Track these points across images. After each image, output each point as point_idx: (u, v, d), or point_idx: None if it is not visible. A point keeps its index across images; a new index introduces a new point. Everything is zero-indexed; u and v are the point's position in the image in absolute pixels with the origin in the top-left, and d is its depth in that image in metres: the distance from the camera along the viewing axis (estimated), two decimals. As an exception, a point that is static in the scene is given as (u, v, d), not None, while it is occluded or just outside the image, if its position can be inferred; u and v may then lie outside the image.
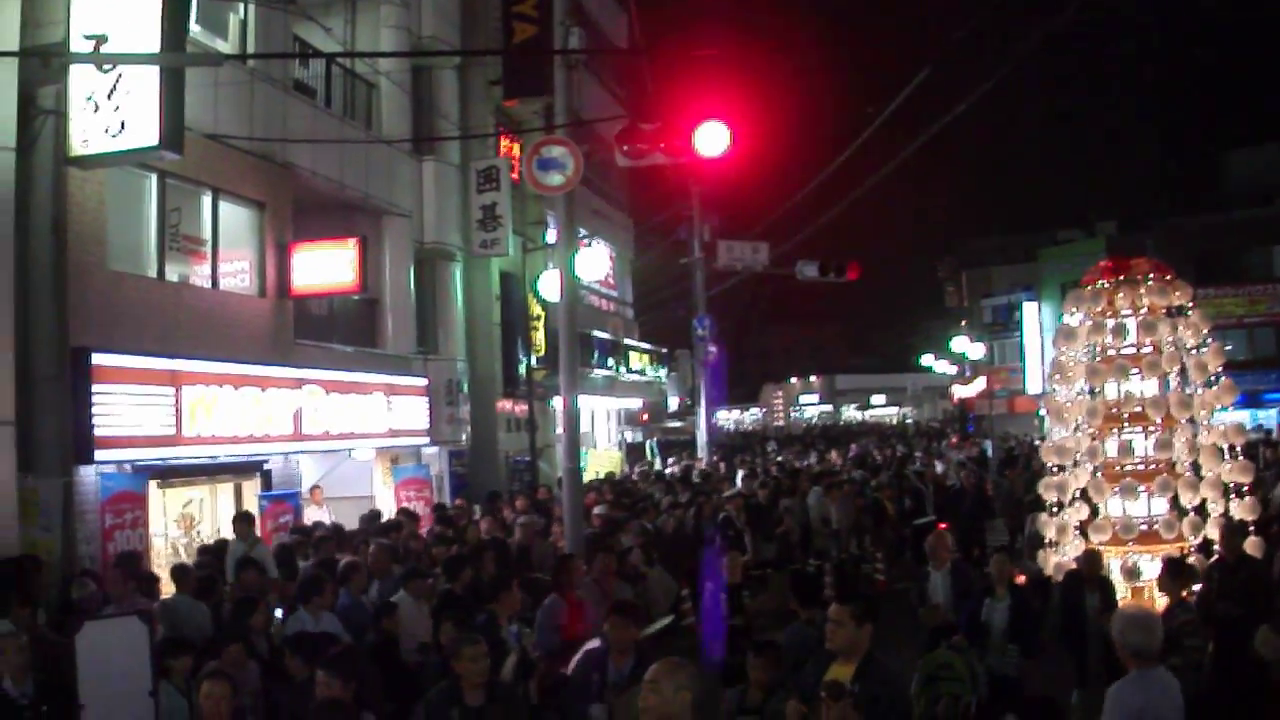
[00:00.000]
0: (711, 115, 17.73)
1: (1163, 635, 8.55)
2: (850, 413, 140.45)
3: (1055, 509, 16.38)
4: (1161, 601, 13.10)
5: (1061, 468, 16.46)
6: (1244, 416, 17.65)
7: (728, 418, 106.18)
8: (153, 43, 15.42)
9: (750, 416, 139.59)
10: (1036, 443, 42.61)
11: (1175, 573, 12.57)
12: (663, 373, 48.13)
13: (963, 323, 79.58)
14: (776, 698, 8.85)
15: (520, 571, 15.93)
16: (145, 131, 15.68)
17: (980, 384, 75.27)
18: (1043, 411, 60.73)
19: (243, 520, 17.97)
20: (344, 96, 25.42)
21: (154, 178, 18.89)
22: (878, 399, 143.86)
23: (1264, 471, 25.23)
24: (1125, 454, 16.04)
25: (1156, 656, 8.37)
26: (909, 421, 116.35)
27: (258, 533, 18.51)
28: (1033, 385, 68.98)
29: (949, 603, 13.64)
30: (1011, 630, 12.64)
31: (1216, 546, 15.18)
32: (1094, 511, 16.10)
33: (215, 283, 20.88)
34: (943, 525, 21.81)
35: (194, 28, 19.24)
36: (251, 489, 21.81)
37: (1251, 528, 15.10)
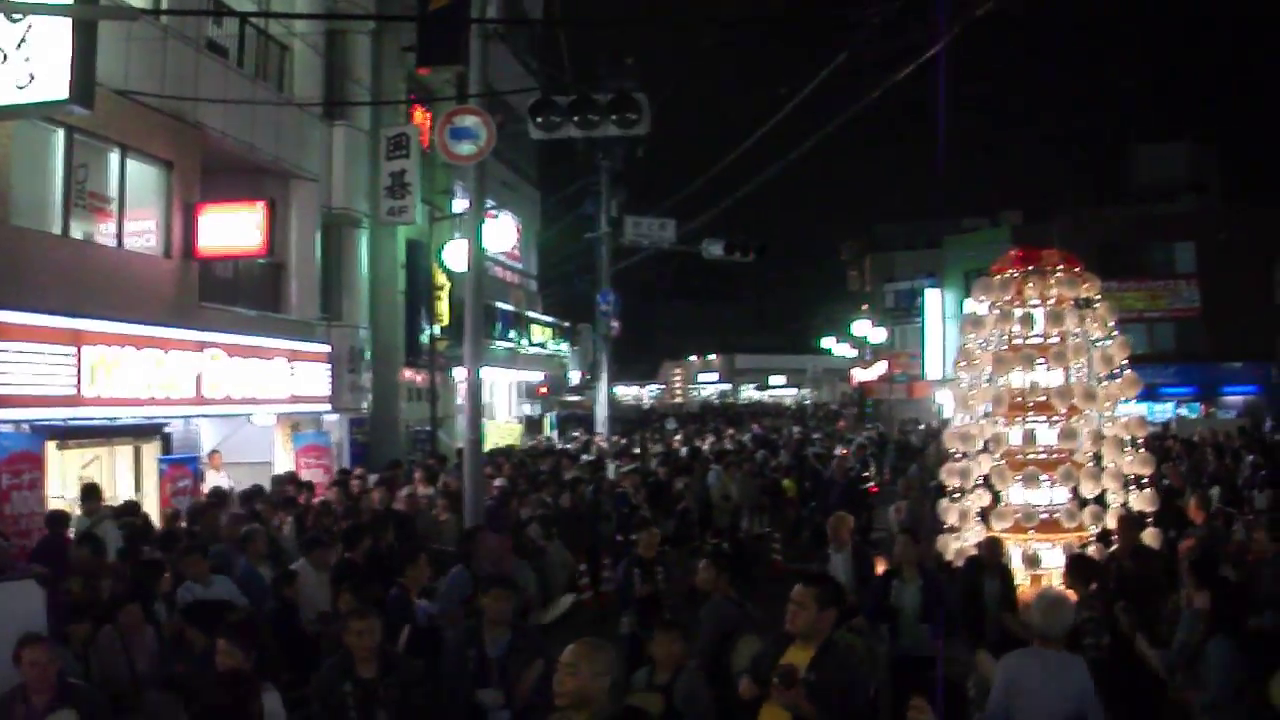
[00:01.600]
0: (626, 89, 17.71)
1: (1068, 621, 8.67)
2: (749, 392, 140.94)
3: (957, 495, 16.47)
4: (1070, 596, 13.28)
5: (964, 454, 16.54)
6: (1141, 410, 17.85)
7: (626, 394, 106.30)
8: (65, -6, 15.16)
9: (649, 393, 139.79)
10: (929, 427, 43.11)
11: (1079, 569, 12.69)
12: (564, 346, 48.12)
13: (864, 307, 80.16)
14: (684, 675, 8.80)
15: (423, 545, 15.83)
16: (55, 85, 15.33)
17: (880, 368, 75.90)
18: (938, 397, 61.24)
19: (90, 494, 17.25)
20: (257, 57, 25.08)
21: (61, 132, 18.58)
22: (777, 380, 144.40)
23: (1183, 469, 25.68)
24: (1029, 443, 16.16)
25: (1055, 639, 8.49)
26: (807, 403, 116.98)
27: (156, 502, 18.30)
28: (932, 371, 69.58)
29: (850, 585, 13.69)
30: (923, 611, 12.70)
31: (1115, 536, 15.40)
32: (995, 498, 16.22)
33: (120, 242, 20.59)
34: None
35: (107, -20, 18.92)
36: (151, 452, 21.58)
37: (1150, 519, 15.32)
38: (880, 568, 14.34)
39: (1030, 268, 16.48)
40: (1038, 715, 8.22)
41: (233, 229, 22.36)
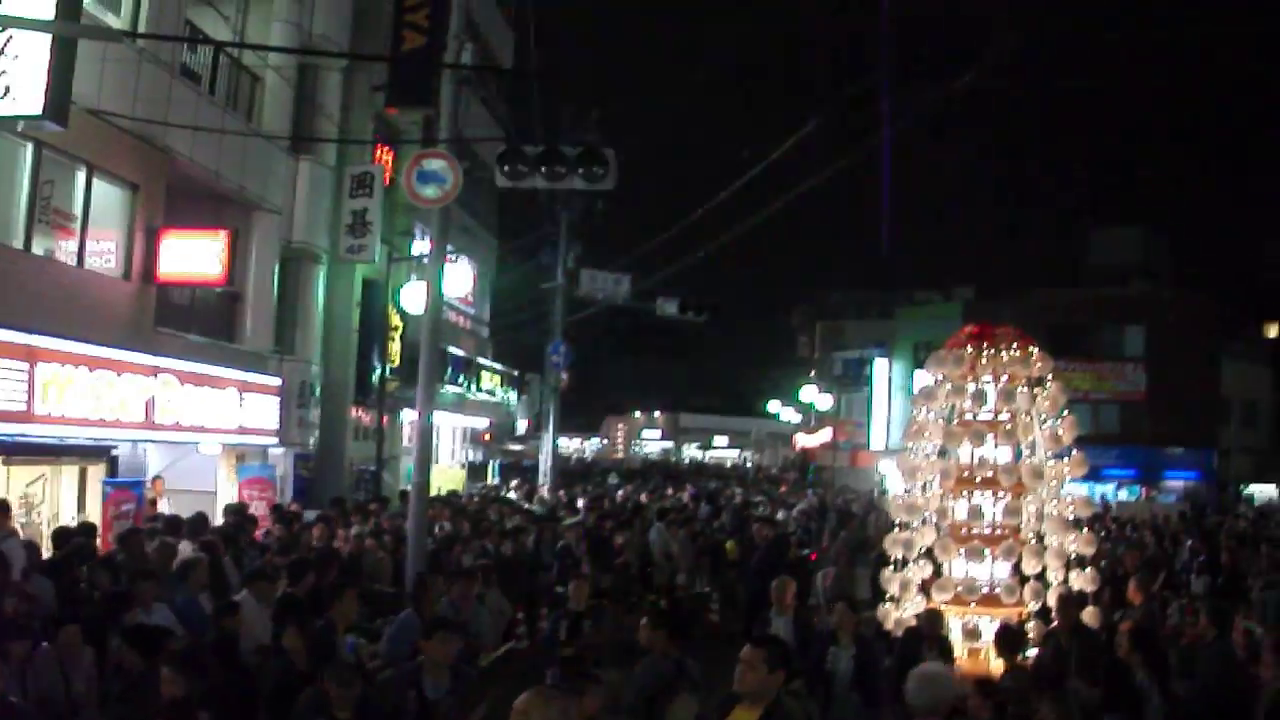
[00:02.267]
0: (594, 144, 17.81)
1: (945, 696, 8.71)
2: (692, 451, 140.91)
3: (900, 565, 16.55)
4: (999, 666, 13.36)
5: (909, 525, 16.63)
6: (1083, 490, 18.04)
7: (568, 446, 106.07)
8: (47, 9, 15.14)
9: (591, 446, 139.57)
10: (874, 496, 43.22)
11: (1007, 640, 12.80)
12: (513, 395, 48.05)
13: (812, 373, 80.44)
14: None
15: (354, 582, 15.75)
16: (30, 99, 15.37)
17: (825, 434, 76.11)
18: (882, 467, 61.54)
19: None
20: (229, 86, 25.10)
21: (30, 147, 18.51)
22: (720, 440, 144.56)
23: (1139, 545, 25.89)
24: (974, 517, 16.29)
25: (934, 714, 8.54)
26: (748, 465, 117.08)
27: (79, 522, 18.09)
28: (877, 441, 69.86)
29: (791, 649, 13.71)
30: (855, 679, 12.74)
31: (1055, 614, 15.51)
32: (937, 570, 16.30)
33: (81, 261, 20.50)
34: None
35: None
36: (97, 474, 21.38)
37: (1090, 598, 15.44)
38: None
39: (984, 344, 16.63)
40: None
41: (194, 256, 22.31)
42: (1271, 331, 77.80)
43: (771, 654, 8.26)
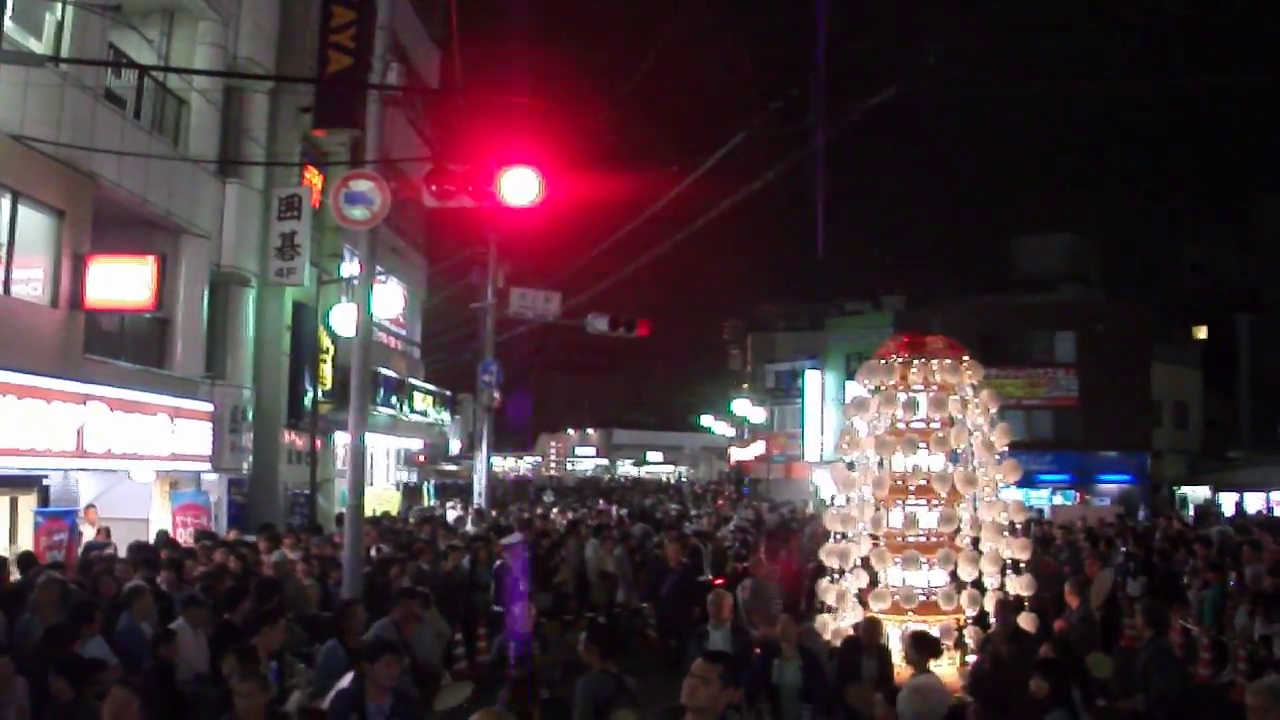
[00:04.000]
0: (521, 162, 17.78)
1: (941, 706, 8.74)
2: (626, 468, 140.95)
3: (836, 575, 16.58)
4: (906, 671, 13.43)
5: (844, 535, 16.66)
6: (1018, 496, 18.15)
7: (503, 465, 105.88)
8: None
9: (525, 465, 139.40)
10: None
11: (919, 645, 12.84)
12: (445, 415, 47.93)
13: (745, 386, 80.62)
14: None
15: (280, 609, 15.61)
16: (-48, 128, 15.25)
17: (759, 448, 76.22)
18: (816, 478, 61.59)
19: None
20: (154, 110, 24.99)
21: (-47, 174, 18.35)
22: (654, 456, 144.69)
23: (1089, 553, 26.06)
24: (909, 525, 16.38)
25: None
26: (684, 481, 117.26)
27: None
28: (811, 452, 70.04)
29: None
30: (803, 690, 12.75)
31: (993, 619, 15.59)
32: (874, 580, 16.35)
33: (7, 289, 20.32)
34: (719, 581, 21.92)
35: (8, 24, 18.79)
36: (28, 504, 21.16)
37: (1026, 603, 15.51)
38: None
39: (915, 353, 16.72)
40: None
41: (122, 282, 22.16)
42: (1201, 334, 78.69)
43: (726, 670, 8.18)
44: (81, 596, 14.42)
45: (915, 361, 16.67)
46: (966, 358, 16.77)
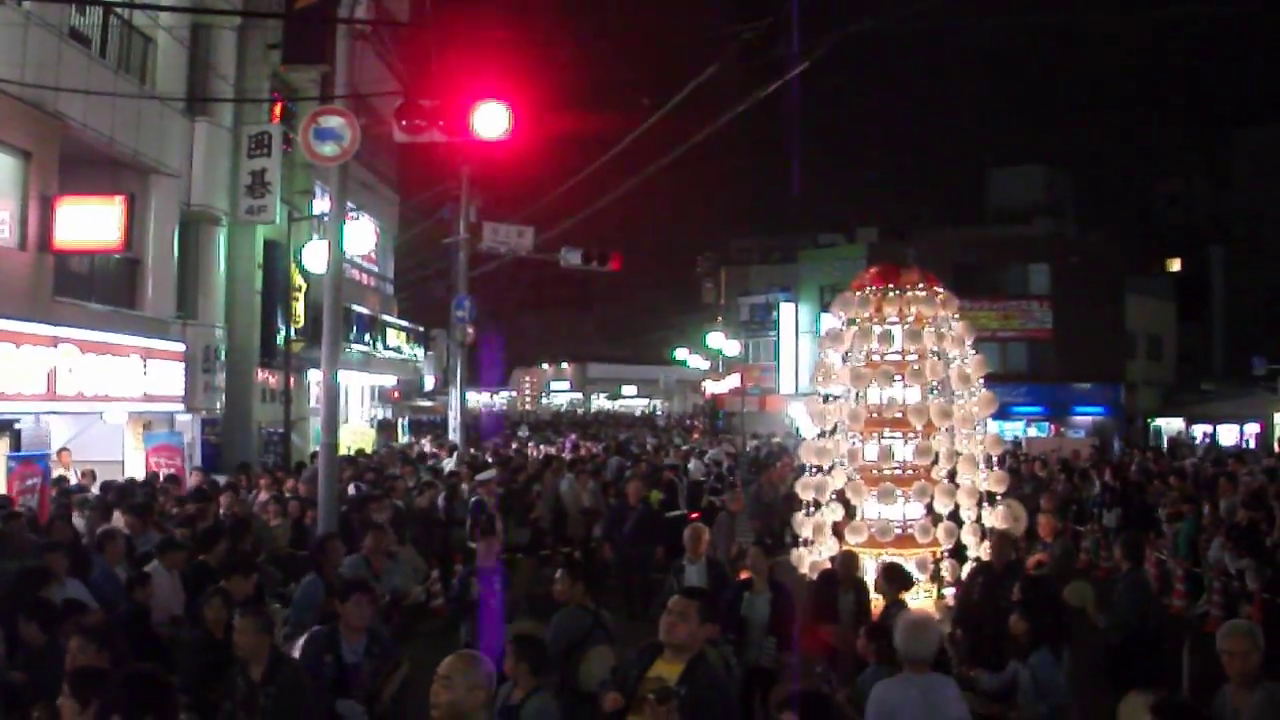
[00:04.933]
0: (491, 96, 17.65)
1: (935, 642, 8.72)
2: (600, 401, 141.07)
3: (812, 509, 16.55)
4: (878, 603, 13.44)
5: (820, 468, 16.63)
6: (993, 428, 18.12)
7: (477, 400, 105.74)
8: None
9: (500, 400, 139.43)
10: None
11: (891, 577, 12.84)
12: (419, 351, 47.85)
13: (719, 319, 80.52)
14: (536, 696, 8.64)
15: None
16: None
17: (733, 381, 76.21)
18: (791, 411, 61.66)
19: None
20: (120, 48, 24.65)
21: (-87, 117, 18.12)
22: (629, 389, 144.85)
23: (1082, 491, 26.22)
24: (885, 458, 16.34)
25: (925, 661, 8.53)
26: (657, 414, 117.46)
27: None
28: (786, 384, 70.06)
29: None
30: (771, 623, 12.75)
31: (970, 552, 15.59)
32: (850, 513, 16.34)
33: (-27, 232, 20.12)
34: (695, 516, 21.94)
35: (-33, -36, 18.54)
36: (0, 448, 21.06)
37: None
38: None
39: (889, 285, 16.63)
40: None
41: (90, 223, 21.95)
42: (1174, 266, 78.85)
43: (704, 606, 8.20)
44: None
45: (890, 293, 16.58)
46: (941, 289, 16.69)
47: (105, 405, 23.15)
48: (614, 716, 7.94)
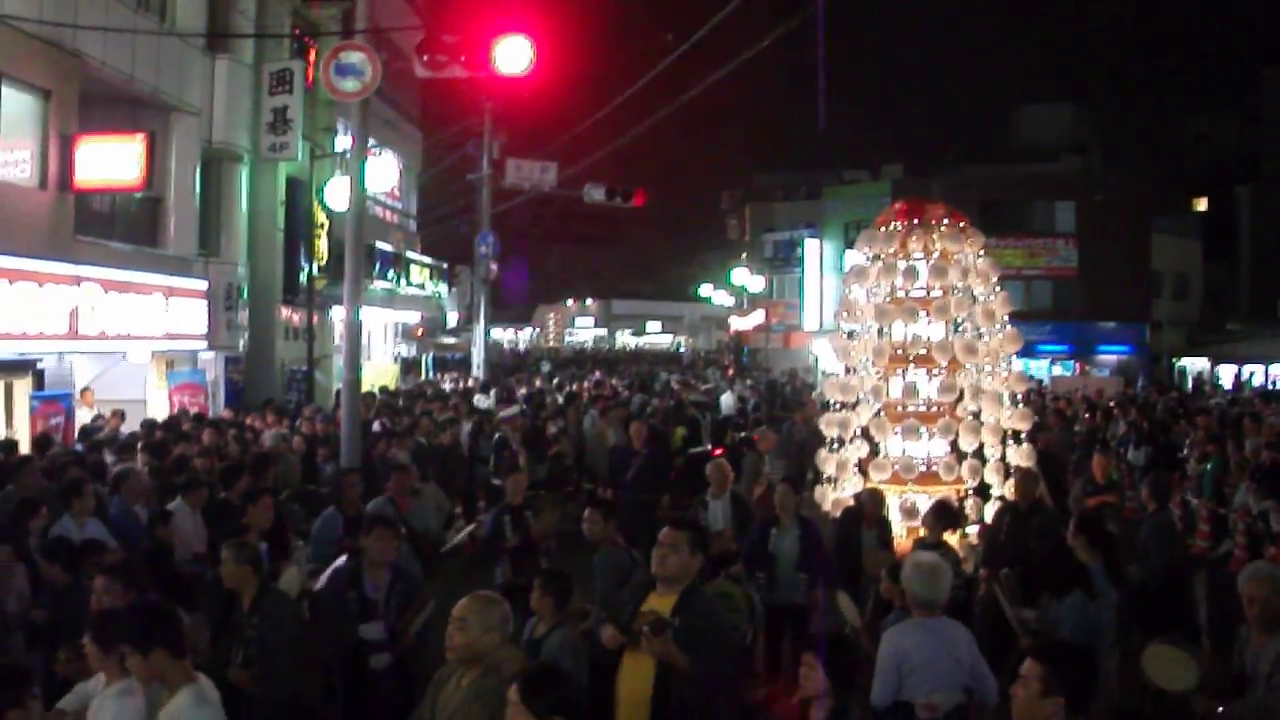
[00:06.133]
0: (514, 31, 17.54)
1: (948, 587, 8.66)
2: (625, 338, 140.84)
3: (836, 445, 16.49)
4: (905, 544, 13.42)
5: (844, 405, 16.56)
6: (1017, 366, 17.98)
7: (501, 337, 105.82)
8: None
9: (524, 337, 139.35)
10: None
11: (940, 514, 12.77)
12: (443, 288, 47.80)
13: (743, 255, 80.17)
14: (559, 630, 8.65)
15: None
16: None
17: (757, 317, 75.94)
18: (814, 347, 61.49)
19: None
20: (139, -16, 24.52)
21: (-65, 56, 18.06)
22: (653, 326, 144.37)
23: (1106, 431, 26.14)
24: (910, 395, 16.25)
25: (939, 606, 8.49)
26: (682, 351, 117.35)
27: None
28: (810, 321, 69.85)
29: (731, 531, 13.69)
30: (800, 560, 12.71)
31: (994, 491, 15.52)
32: (874, 450, 16.28)
33: (-6, 171, 20.10)
34: (718, 452, 21.83)
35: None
36: (23, 388, 21.12)
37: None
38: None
39: (915, 221, 16.49)
40: (932, 686, 8.21)
41: (111, 161, 21.92)
42: (1201, 205, 78.27)
43: (693, 536, 8.16)
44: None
45: (916, 229, 16.46)
46: (966, 225, 16.54)
47: (128, 344, 23.16)
48: (613, 654, 7.87)
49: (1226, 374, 59.09)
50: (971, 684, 8.39)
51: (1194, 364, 64.12)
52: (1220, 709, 8.00)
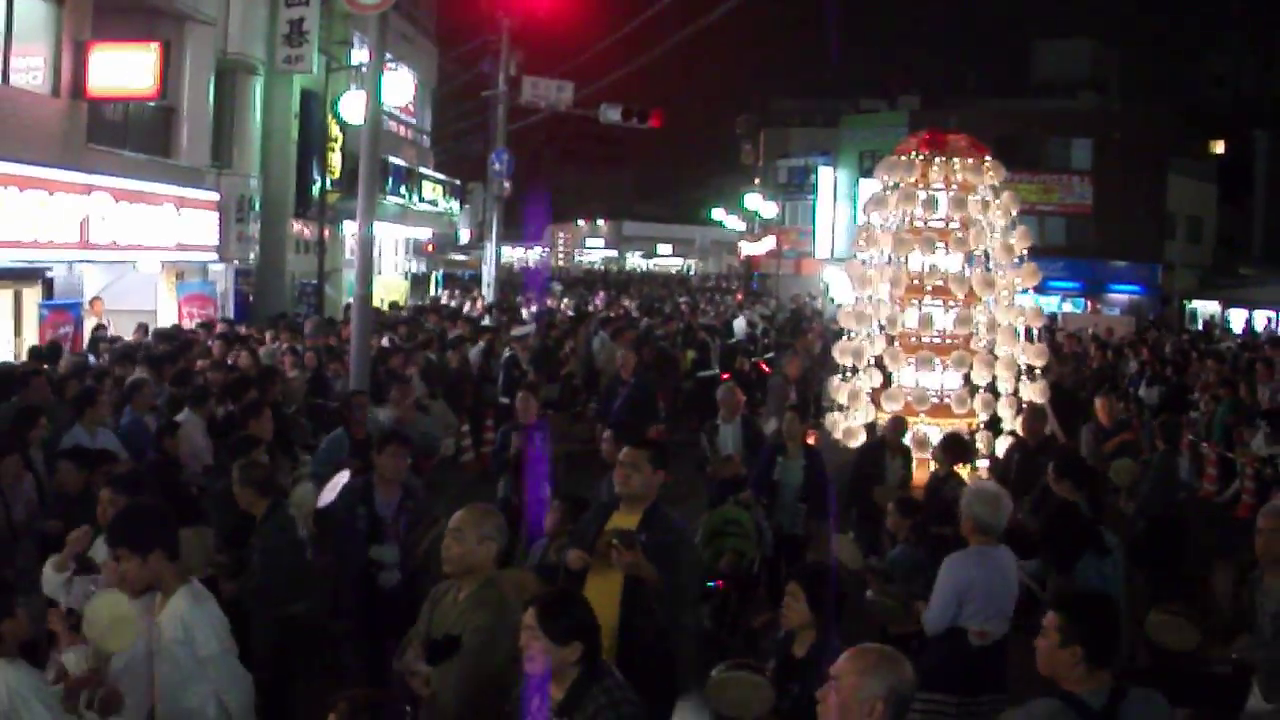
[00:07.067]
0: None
1: (1007, 515, 8.63)
2: (635, 260, 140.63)
3: (848, 373, 16.45)
4: (922, 474, 13.40)
5: (858, 333, 16.52)
6: (1029, 301, 17.90)
7: (511, 255, 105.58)
8: None
9: (534, 256, 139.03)
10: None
11: (951, 447, 12.73)
12: (455, 205, 47.64)
13: (756, 181, 79.83)
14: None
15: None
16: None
17: (769, 243, 75.65)
18: (826, 275, 61.39)
19: None
20: (155, -110, 24.25)
21: (-53, -42, 17.88)
22: (664, 248, 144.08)
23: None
24: (925, 326, 16.22)
25: (997, 534, 8.46)
26: (693, 274, 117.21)
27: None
28: (821, 249, 69.63)
29: (741, 456, 13.65)
30: (804, 490, 12.70)
31: (1005, 425, 15.49)
32: (887, 380, 16.24)
33: (6, 78, 19.97)
34: (726, 376, 21.78)
35: None
36: (32, 297, 21.08)
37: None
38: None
39: (936, 151, 16.41)
40: (987, 615, 8.29)
41: (125, 70, 21.69)
42: (1218, 148, 77.55)
43: (654, 454, 8.09)
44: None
45: (936, 159, 16.37)
46: (988, 158, 16.43)
47: (138, 254, 23.13)
48: (577, 576, 7.81)
49: (1237, 318, 58.68)
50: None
51: (1205, 307, 63.75)
52: (1234, 654, 8.04)
